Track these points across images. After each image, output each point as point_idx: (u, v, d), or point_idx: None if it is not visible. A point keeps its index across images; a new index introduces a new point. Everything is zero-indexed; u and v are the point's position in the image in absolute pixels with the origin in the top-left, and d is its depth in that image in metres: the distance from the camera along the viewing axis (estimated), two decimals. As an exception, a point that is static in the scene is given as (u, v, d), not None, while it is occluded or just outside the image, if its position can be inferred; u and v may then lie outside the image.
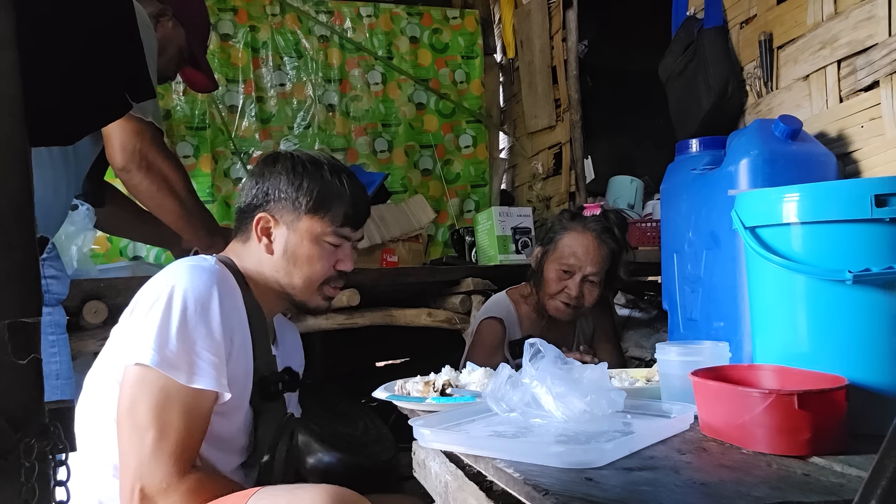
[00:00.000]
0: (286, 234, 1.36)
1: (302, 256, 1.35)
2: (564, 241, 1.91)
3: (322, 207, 1.35)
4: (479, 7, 3.75)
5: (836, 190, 1.10)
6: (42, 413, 0.63)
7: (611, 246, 1.90)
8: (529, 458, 0.92)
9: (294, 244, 1.35)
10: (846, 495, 0.77)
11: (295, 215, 1.36)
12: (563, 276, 1.90)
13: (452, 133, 3.61)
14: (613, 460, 0.91)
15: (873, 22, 1.69)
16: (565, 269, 1.89)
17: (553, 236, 1.96)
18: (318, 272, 1.37)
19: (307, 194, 1.35)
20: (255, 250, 1.38)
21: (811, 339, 1.10)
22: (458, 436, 1.05)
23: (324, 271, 1.37)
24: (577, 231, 1.91)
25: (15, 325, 0.60)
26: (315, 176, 1.37)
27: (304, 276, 1.36)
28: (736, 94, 2.15)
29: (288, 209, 1.36)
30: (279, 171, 1.38)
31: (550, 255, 1.93)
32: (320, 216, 1.35)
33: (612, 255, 1.91)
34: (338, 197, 1.37)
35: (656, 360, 1.30)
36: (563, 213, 2.05)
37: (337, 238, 1.37)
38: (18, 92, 0.62)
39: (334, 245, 1.37)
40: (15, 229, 0.62)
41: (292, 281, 1.36)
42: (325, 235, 1.36)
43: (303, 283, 1.37)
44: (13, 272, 0.61)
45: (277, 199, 1.36)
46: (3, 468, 0.60)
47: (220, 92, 3.20)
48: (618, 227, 1.93)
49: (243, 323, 1.29)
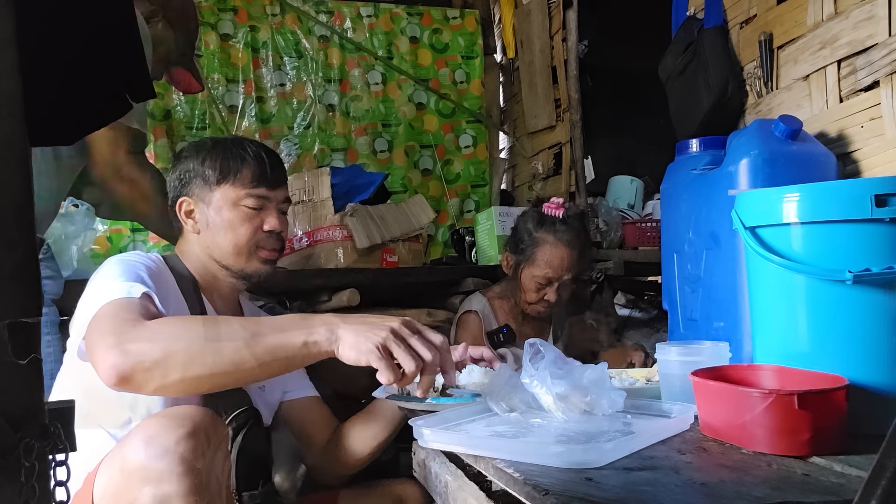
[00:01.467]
0: (205, 209, 1.42)
1: (223, 224, 1.40)
2: (539, 254, 1.97)
3: (229, 174, 1.41)
4: (479, 7, 3.74)
5: (836, 190, 1.10)
6: (42, 413, 0.63)
7: (579, 248, 2.00)
8: (529, 458, 0.92)
9: (213, 215, 1.41)
10: (846, 495, 0.77)
11: (207, 189, 1.42)
12: (541, 287, 1.97)
13: (452, 133, 3.61)
14: (613, 460, 0.91)
15: (873, 22, 1.69)
16: (543, 283, 1.97)
17: (525, 248, 2.00)
18: (242, 235, 1.40)
19: (211, 166, 1.41)
20: (189, 237, 1.44)
21: (811, 339, 1.10)
22: (458, 436, 1.05)
23: (248, 233, 1.41)
24: (550, 244, 1.97)
25: (15, 325, 0.60)
26: (216, 149, 1.43)
27: (230, 243, 1.40)
28: (736, 94, 2.15)
29: (200, 186, 1.42)
30: (184, 156, 1.46)
31: (526, 266, 1.99)
32: (230, 182, 1.41)
33: (580, 253, 2.01)
34: (241, 160, 1.42)
35: (656, 360, 1.30)
36: (527, 218, 2.07)
37: (255, 200, 1.41)
38: (18, 92, 0.62)
39: (254, 208, 1.41)
40: (15, 229, 0.62)
41: (223, 251, 1.41)
42: (240, 199, 1.41)
43: (231, 248, 1.40)
44: (13, 272, 0.61)
45: (188, 180, 1.43)
46: (3, 468, 0.60)
47: (220, 92, 3.20)
48: (581, 228, 2.04)
49: (178, 301, 1.33)
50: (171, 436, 0.93)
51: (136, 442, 0.95)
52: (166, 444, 0.93)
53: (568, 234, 1.97)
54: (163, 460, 0.92)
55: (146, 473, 0.92)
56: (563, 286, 1.99)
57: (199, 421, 0.97)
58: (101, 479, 1.00)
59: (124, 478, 0.95)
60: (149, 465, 0.92)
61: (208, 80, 3.16)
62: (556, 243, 1.96)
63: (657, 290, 2.74)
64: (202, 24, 3.16)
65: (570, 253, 1.97)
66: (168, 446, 0.92)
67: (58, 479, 0.66)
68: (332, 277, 2.24)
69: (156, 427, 0.96)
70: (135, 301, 1.12)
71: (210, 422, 1.00)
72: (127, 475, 0.94)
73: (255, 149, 1.45)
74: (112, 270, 1.22)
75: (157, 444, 0.93)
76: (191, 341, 1.02)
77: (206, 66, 3.18)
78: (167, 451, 0.92)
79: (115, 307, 1.10)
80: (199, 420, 0.97)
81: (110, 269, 1.23)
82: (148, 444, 0.93)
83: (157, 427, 0.95)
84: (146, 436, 0.95)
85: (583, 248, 2.02)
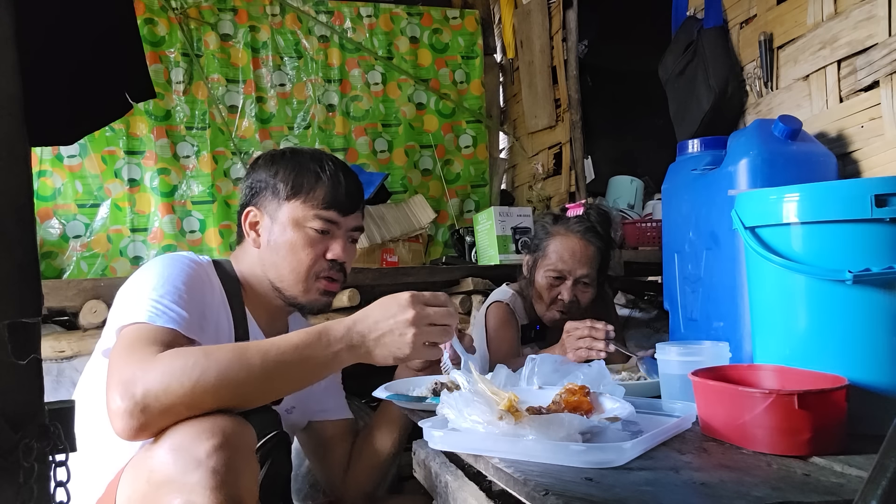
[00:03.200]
0: (270, 224, 1.33)
1: (285, 245, 1.30)
2: (551, 247, 1.90)
3: (300, 191, 1.31)
4: (479, 7, 3.74)
5: (836, 190, 1.10)
6: (42, 413, 0.63)
7: (597, 244, 1.90)
8: (548, 459, 0.91)
9: (277, 233, 1.31)
10: (846, 495, 0.77)
11: (276, 204, 1.32)
12: (554, 283, 1.89)
13: (452, 133, 3.61)
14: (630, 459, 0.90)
15: (873, 22, 1.69)
16: (556, 276, 1.88)
17: (539, 243, 1.96)
18: (303, 260, 1.30)
19: (283, 180, 1.32)
20: (249, 249, 1.36)
21: (811, 339, 1.10)
22: (469, 437, 1.01)
23: (310, 259, 1.30)
24: (562, 235, 1.90)
25: (15, 325, 0.60)
26: (292, 162, 1.34)
27: (290, 266, 1.30)
28: (736, 94, 2.15)
29: (269, 199, 1.33)
30: (260, 164, 1.37)
31: (540, 263, 1.93)
32: (300, 200, 1.31)
33: (599, 253, 1.91)
34: (316, 178, 1.32)
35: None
36: (546, 217, 2.05)
37: (322, 223, 1.31)
38: (18, 92, 0.62)
39: (320, 231, 1.31)
40: (15, 229, 0.62)
41: (280, 273, 1.31)
42: (307, 220, 1.30)
43: (290, 273, 1.31)
44: (13, 272, 0.61)
45: (259, 191, 1.35)
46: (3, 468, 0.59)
47: (220, 92, 3.20)
48: (601, 225, 1.93)
49: (220, 313, 1.26)
50: (201, 447, 0.89)
51: (164, 452, 0.91)
52: (197, 456, 0.88)
53: (581, 228, 1.89)
54: (194, 473, 0.87)
55: (176, 486, 0.88)
56: (578, 286, 1.88)
57: (229, 432, 0.92)
58: (125, 488, 0.96)
59: (152, 489, 0.90)
60: (178, 477, 0.88)
61: (208, 80, 3.16)
62: (568, 234, 1.89)
63: (657, 290, 2.75)
64: (202, 24, 3.17)
65: (585, 246, 1.87)
66: (199, 458, 0.88)
67: (58, 479, 0.66)
68: (332, 277, 2.23)
69: (185, 437, 0.91)
70: (159, 331, 1.06)
71: (240, 431, 0.95)
72: (155, 486, 0.90)
73: (333, 168, 1.34)
74: (153, 279, 1.16)
75: (188, 456, 0.89)
76: (200, 378, 0.95)
77: (206, 66, 3.18)
78: (199, 463, 0.88)
79: (136, 335, 1.05)
80: (230, 430, 0.93)
81: (152, 275, 1.17)
82: (177, 456, 0.89)
83: (186, 437, 0.91)
84: (175, 446, 0.90)
85: (602, 247, 1.91)
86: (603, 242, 1.92)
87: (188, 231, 3.08)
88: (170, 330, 1.08)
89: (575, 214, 1.95)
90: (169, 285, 1.15)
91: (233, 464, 0.90)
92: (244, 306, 1.32)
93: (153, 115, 3.04)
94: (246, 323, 1.31)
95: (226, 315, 1.28)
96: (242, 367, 0.97)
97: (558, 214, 2.00)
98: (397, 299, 1.03)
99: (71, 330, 2.13)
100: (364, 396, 2.15)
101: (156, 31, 3.09)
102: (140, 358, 0.99)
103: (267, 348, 1.00)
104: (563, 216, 1.97)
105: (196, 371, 0.95)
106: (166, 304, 1.11)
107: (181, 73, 3.12)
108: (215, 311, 1.25)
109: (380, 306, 1.04)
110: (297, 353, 1.00)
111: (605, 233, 1.94)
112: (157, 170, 3.02)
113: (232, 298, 1.30)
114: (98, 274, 2.89)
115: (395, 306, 1.02)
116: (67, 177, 2.92)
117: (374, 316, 1.03)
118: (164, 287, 1.14)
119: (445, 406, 1.03)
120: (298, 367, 1.00)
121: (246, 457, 0.94)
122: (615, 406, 1.06)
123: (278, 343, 1.01)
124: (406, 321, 1.01)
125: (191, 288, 1.17)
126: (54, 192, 2.90)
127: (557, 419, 0.95)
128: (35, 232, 0.64)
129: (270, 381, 0.99)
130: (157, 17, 3.09)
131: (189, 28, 3.16)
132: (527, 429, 0.94)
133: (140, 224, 3.01)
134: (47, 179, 2.89)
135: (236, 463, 0.91)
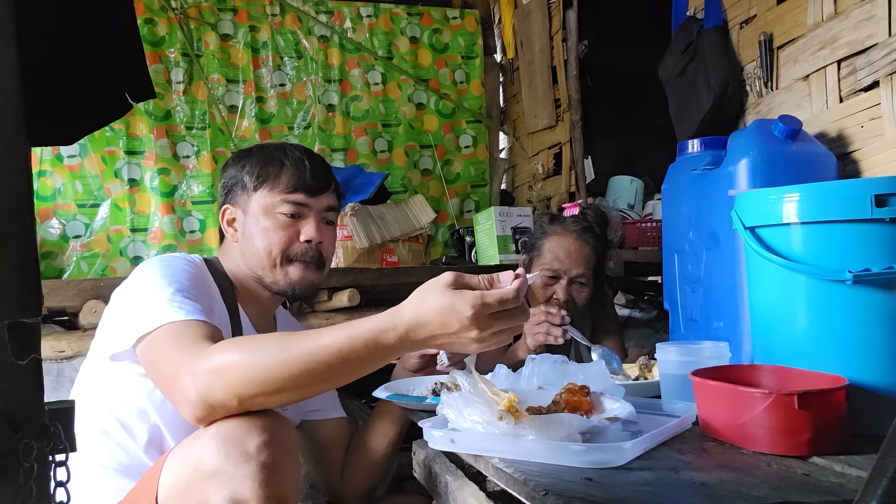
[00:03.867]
0: (244, 217, 1.37)
1: (259, 233, 1.34)
2: (546, 246, 1.90)
3: (267, 179, 1.35)
4: (479, 7, 3.74)
5: (836, 190, 1.10)
6: (42, 413, 0.63)
7: (592, 244, 1.90)
8: (547, 458, 0.91)
9: (251, 224, 1.36)
10: (846, 495, 0.77)
11: (246, 197, 1.37)
12: (549, 282, 1.87)
13: (452, 133, 3.61)
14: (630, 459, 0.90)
15: (873, 22, 1.69)
16: (551, 275, 1.87)
17: (535, 242, 1.95)
18: (276, 244, 1.33)
19: (250, 172, 1.37)
20: (230, 245, 1.40)
21: (811, 339, 1.10)
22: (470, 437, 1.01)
23: (283, 242, 1.33)
24: (558, 234, 1.90)
25: (15, 325, 0.60)
26: (258, 155, 1.39)
27: (265, 252, 1.33)
28: (736, 94, 2.15)
29: (240, 194, 1.38)
30: (230, 163, 1.42)
31: (536, 262, 1.92)
32: (267, 188, 1.35)
33: (595, 254, 1.90)
34: (280, 165, 1.36)
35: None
36: (543, 217, 2.05)
37: (291, 206, 1.34)
38: (18, 92, 0.62)
39: (290, 215, 1.35)
40: (15, 229, 0.62)
41: (259, 261, 1.34)
42: (276, 206, 1.35)
43: (266, 259, 1.33)
44: (13, 272, 0.61)
45: (231, 188, 1.40)
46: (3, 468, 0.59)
47: (220, 92, 3.20)
48: (597, 225, 1.93)
49: (219, 309, 1.29)
50: (251, 442, 0.91)
51: (215, 444, 0.92)
52: (247, 450, 0.90)
53: (577, 228, 1.89)
54: (244, 466, 0.89)
55: (225, 477, 0.89)
56: (574, 286, 1.87)
57: (276, 429, 0.94)
58: (170, 474, 0.97)
59: (199, 477, 0.92)
60: (228, 468, 0.90)
61: (208, 80, 3.16)
62: (564, 233, 1.89)
63: (657, 290, 2.75)
64: (202, 24, 3.17)
65: (581, 246, 1.87)
66: (249, 452, 0.90)
67: (58, 479, 0.66)
68: (332, 277, 2.24)
69: (236, 431, 0.92)
70: (192, 324, 1.07)
71: (287, 430, 0.97)
72: (203, 475, 0.92)
73: (297, 154, 1.38)
74: (158, 280, 1.16)
75: (239, 449, 0.90)
76: (263, 362, 0.94)
77: (206, 66, 3.18)
78: (249, 457, 0.90)
79: (174, 333, 1.05)
80: (278, 428, 0.95)
81: (155, 276, 1.18)
82: (228, 448, 0.91)
83: (237, 431, 0.92)
84: (225, 438, 0.92)
85: (598, 247, 1.91)
86: (599, 243, 1.92)
87: (188, 231, 3.07)
88: (199, 322, 1.09)
89: (571, 214, 1.95)
90: (177, 283, 1.16)
91: (280, 461, 0.92)
92: (237, 302, 1.36)
93: (153, 115, 3.04)
94: (239, 318, 1.34)
95: (222, 311, 1.30)
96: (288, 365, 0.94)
97: (555, 214, 2.01)
98: (457, 314, 0.88)
99: (71, 330, 2.13)
100: (364, 396, 2.16)
101: (156, 31, 3.09)
102: (193, 351, 1.00)
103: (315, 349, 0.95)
104: (559, 216, 1.98)
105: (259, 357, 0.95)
106: (182, 300, 1.12)
107: (181, 73, 3.12)
108: (216, 306, 1.28)
109: (439, 317, 0.90)
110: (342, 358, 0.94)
111: (602, 233, 1.94)
112: (157, 170, 3.02)
113: (225, 294, 1.33)
114: (98, 274, 2.89)
115: (456, 322, 0.89)
116: (67, 177, 2.92)
117: (431, 327, 0.92)
118: (173, 286, 1.16)
119: (445, 406, 1.03)
120: (345, 372, 0.97)
121: (292, 455, 0.96)
122: (615, 406, 1.05)
123: (326, 346, 0.95)
124: (470, 339, 0.90)
125: (194, 285, 1.20)
126: (54, 192, 2.90)
127: (557, 419, 0.95)
128: (35, 232, 0.64)
129: (314, 384, 0.96)
130: (157, 17, 3.09)
131: (189, 28, 3.16)
132: (527, 429, 0.94)
133: (140, 224, 3.01)
134: (47, 179, 2.89)
135: (283, 460, 0.93)
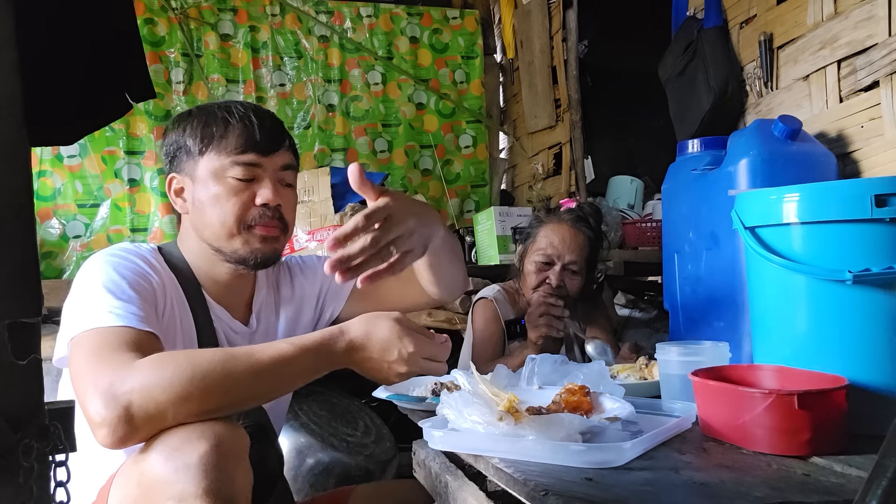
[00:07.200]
0: (192, 185, 1.23)
1: (210, 200, 1.21)
2: (542, 233, 1.93)
3: (212, 141, 1.21)
4: (479, 7, 3.75)
5: (836, 190, 1.10)
6: (42, 413, 0.63)
7: (586, 234, 1.92)
8: (547, 458, 0.90)
9: (201, 191, 1.22)
10: (846, 495, 0.77)
11: (192, 162, 1.23)
12: (542, 268, 1.89)
13: (452, 133, 3.61)
14: (630, 459, 0.90)
15: (873, 22, 1.69)
16: (545, 261, 1.89)
17: (531, 231, 1.98)
18: (231, 211, 1.20)
19: (192, 135, 1.22)
20: (184, 222, 1.29)
21: (811, 339, 1.09)
22: (470, 437, 1.01)
23: (238, 208, 1.20)
24: (553, 223, 1.93)
25: (15, 325, 0.60)
26: (199, 116, 1.25)
27: (220, 220, 1.21)
28: (736, 94, 2.15)
29: (185, 160, 1.24)
30: (169, 129, 1.28)
31: (530, 249, 1.94)
32: (214, 151, 1.21)
33: (589, 243, 1.93)
34: (225, 124, 1.21)
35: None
36: (539, 210, 2.08)
37: (242, 169, 1.21)
38: (18, 92, 0.62)
39: (242, 179, 1.21)
40: (15, 229, 0.62)
41: (213, 231, 1.22)
42: (225, 170, 1.21)
43: (221, 227, 1.21)
44: (13, 272, 0.61)
45: (175, 155, 1.26)
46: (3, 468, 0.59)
47: (220, 92, 3.20)
48: (592, 217, 1.96)
49: (173, 299, 1.20)
50: (193, 450, 0.87)
51: (155, 456, 0.89)
52: (189, 459, 0.86)
53: (572, 217, 1.92)
54: (186, 474, 0.85)
55: (169, 488, 0.86)
56: (566, 273, 1.88)
57: (221, 435, 0.90)
58: (117, 493, 0.94)
59: (143, 492, 0.89)
60: (171, 478, 0.86)
61: (208, 80, 3.16)
62: (559, 223, 1.92)
63: (657, 290, 2.74)
64: (202, 24, 3.17)
65: (574, 234, 1.89)
66: (191, 461, 0.86)
67: (58, 479, 0.66)
68: (331, 277, 2.23)
69: (177, 440, 0.89)
70: (120, 331, 1.01)
71: (233, 435, 0.93)
72: (146, 489, 0.88)
73: (242, 111, 1.24)
74: (92, 281, 1.09)
75: (180, 459, 0.87)
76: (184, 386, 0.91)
77: (206, 66, 3.18)
78: (189, 465, 0.86)
79: (96, 342, 0.99)
80: (223, 434, 0.91)
81: (96, 274, 1.11)
82: (169, 459, 0.87)
83: (178, 440, 0.89)
84: (167, 449, 0.89)
85: (592, 237, 1.93)
86: (593, 233, 1.94)
87: (188, 231, 3.08)
88: (128, 329, 1.02)
89: (567, 207, 1.99)
90: (110, 283, 1.09)
91: (226, 467, 0.88)
92: (199, 287, 1.26)
93: (153, 115, 3.04)
94: (205, 303, 1.26)
95: (179, 300, 1.22)
96: (227, 373, 0.94)
97: (551, 208, 2.03)
98: (399, 347, 1.01)
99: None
100: (364, 396, 2.16)
101: (156, 31, 3.09)
102: (115, 365, 0.95)
103: (253, 354, 0.97)
104: (555, 209, 2.01)
105: (181, 377, 0.92)
106: (114, 303, 1.05)
107: (181, 73, 3.12)
108: (168, 298, 1.19)
109: (380, 345, 1.02)
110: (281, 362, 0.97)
111: (597, 225, 1.97)
112: (157, 170, 3.02)
113: (184, 281, 1.24)
114: (98, 274, 2.89)
115: (396, 353, 1.01)
116: (67, 177, 2.92)
117: (372, 350, 1.02)
118: (107, 286, 1.08)
119: (445, 406, 1.03)
120: (287, 375, 0.99)
121: (239, 461, 0.92)
122: (615, 406, 1.05)
123: (266, 350, 0.98)
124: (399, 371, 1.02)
125: (133, 281, 1.11)
126: (54, 192, 2.90)
127: (557, 419, 0.95)
128: (35, 232, 0.64)
129: (257, 388, 0.97)
130: (157, 17, 3.09)
131: (189, 28, 3.16)
132: (527, 429, 0.94)
133: (140, 224, 3.01)
134: (47, 179, 2.89)
135: (229, 467, 0.89)
